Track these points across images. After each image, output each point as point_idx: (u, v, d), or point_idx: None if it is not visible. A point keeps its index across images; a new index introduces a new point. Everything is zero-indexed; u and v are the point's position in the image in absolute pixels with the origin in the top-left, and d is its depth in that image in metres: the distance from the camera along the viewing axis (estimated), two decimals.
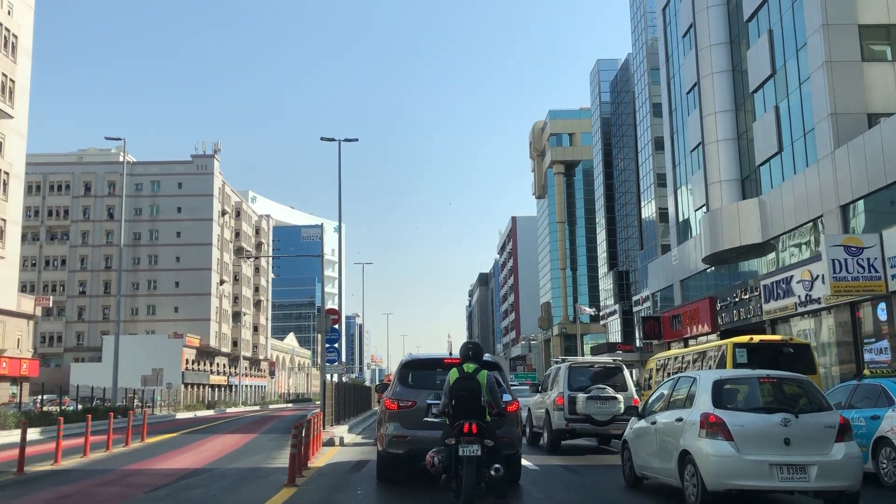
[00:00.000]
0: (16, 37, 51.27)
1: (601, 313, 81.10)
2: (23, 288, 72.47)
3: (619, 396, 16.67)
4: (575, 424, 16.65)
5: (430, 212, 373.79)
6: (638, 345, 61.34)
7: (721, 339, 27.94)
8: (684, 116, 43.47)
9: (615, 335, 73.99)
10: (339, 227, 34.13)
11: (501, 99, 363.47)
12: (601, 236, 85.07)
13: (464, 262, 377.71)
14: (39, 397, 38.49)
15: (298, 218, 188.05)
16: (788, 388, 9.51)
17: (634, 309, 65.58)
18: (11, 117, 50.95)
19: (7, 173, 49.83)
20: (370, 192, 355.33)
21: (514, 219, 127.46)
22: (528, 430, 19.25)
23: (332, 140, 34.74)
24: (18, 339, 52.52)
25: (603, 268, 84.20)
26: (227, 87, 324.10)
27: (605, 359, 20.10)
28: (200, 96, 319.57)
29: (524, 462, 12.60)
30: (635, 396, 17.19)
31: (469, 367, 8.71)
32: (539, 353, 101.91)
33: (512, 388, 13.40)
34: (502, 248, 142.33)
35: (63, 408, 35.05)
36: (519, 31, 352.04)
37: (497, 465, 8.28)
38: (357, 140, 35.36)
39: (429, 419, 10.10)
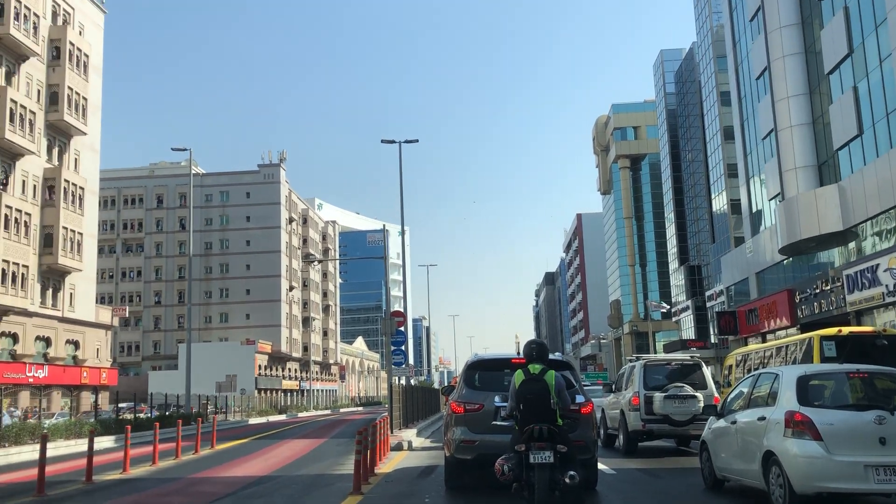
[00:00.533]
0: (87, 56, 52.88)
1: (673, 310, 79.12)
2: (101, 299, 74.87)
3: (699, 395, 15.82)
4: (652, 425, 15.87)
5: (494, 211, 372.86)
6: (713, 341, 59.57)
7: (801, 332, 26.60)
8: (754, 103, 41.85)
9: (688, 332, 72.05)
10: (402, 229, 33.95)
11: (562, 94, 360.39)
12: (670, 231, 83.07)
13: (529, 262, 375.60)
14: (115, 406, 39.40)
15: (364, 223, 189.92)
16: (881, 382, 8.79)
17: (708, 304, 63.80)
18: (85, 134, 52.60)
19: (82, 188, 51.38)
20: (432, 193, 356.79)
21: (579, 216, 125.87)
22: (602, 431, 18.52)
23: (393, 142, 34.57)
24: (98, 350, 54.10)
25: (673, 263, 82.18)
26: (289, 96, 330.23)
27: (681, 356, 19.15)
28: (265, 106, 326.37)
29: (600, 466, 11.97)
30: (716, 394, 16.31)
31: (535, 367, 8.09)
32: (609, 352, 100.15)
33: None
34: (568, 246, 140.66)
35: (138, 415, 35.80)
36: (577, 25, 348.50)
37: (572, 472, 7.68)
38: (417, 141, 35.14)
39: (497, 423, 9.59)
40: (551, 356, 9.87)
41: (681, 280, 77.58)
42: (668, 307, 77.89)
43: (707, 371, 17.18)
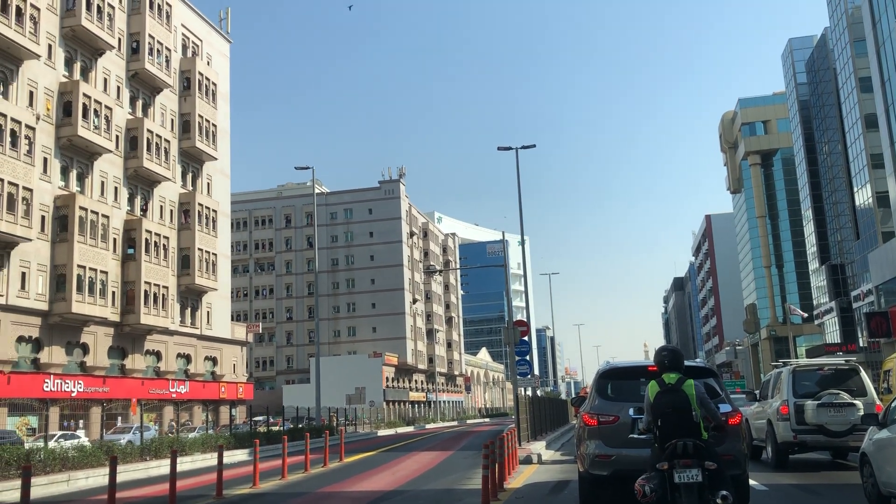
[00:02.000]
0: (215, 84, 55.48)
1: (815, 312, 74.34)
2: (236, 317, 78.20)
3: (858, 403, 14.30)
4: (805, 436, 14.46)
5: (615, 216, 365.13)
6: (862, 344, 55.45)
7: None
8: None
9: (833, 335, 67.53)
10: (522, 238, 33.30)
11: (683, 91, 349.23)
12: (808, 228, 78.31)
13: (655, 267, 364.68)
14: (250, 419, 40.67)
15: (483, 234, 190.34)
16: None
17: (854, 305, 59.59)
18: (215, 159, 55.11)
19: (215, 211, 53.77)
20: (551, 200, 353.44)
21: (707, 217, 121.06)
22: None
23: (509, 149, 33.97)
24: (234, 365, 56.35)
25: (813, 263, 77.37)
26: (407, 112, 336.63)
27: (835, 360, 17.43)
28: (384, 122, 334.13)
29: (750, 482, 10.89)
30: (877, 402, 14.70)
31: (670, 377, 7.22)
32: (746, 359, 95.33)
33: None
34: (697, 250, 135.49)
35: (271, 428, 36.76)
36: (698, 19, 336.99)
37: (724, 493, 6.78)
38: (534, 146, 34.38)
39: (635, 436, 8.79)
40: (690, 363, 8.98)
41: (822, 280, 72.90)
42: (805, 315, 73.22)
43: (866, 376, 15.54)
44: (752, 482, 11.66)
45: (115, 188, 45.26)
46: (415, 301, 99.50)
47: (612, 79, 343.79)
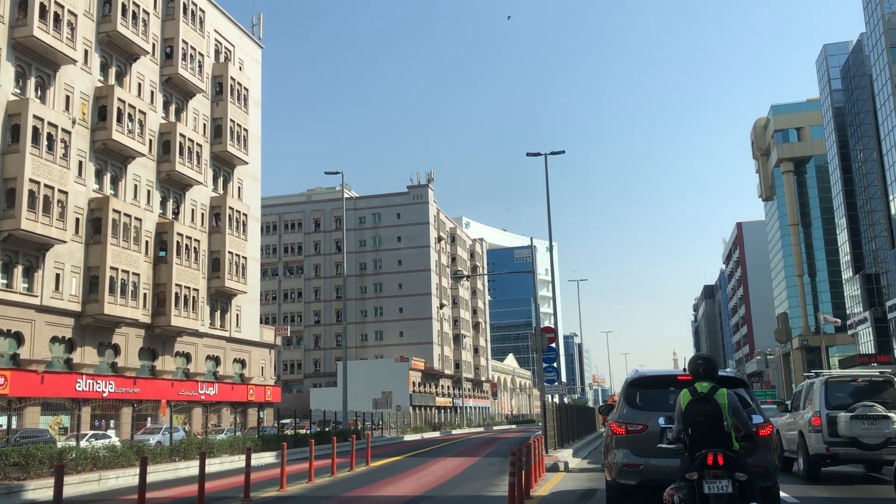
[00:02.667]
0: (247, 90, 56.05)
1: (849, 322, 73.07)
2: (265, 320, 78.74)
3: (892, 415, 14.03)
4: (838, 448, 14.22)
5: (643, 222, 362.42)
6: None
7: None
8: None
9: (867, 345, 66.33)
10: (550, 244, 33.17)
11: (714, 97, 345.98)
12: (842, 237, 77.09)
13: (685, 275, 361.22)
14: (276, 422, 40.91)
15: (511, 240, 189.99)
16: None
17: (889, 315, 58.50)
18: (246, 163, 55.65)
19: (245, 215, 54.27)
20: (579, 206, 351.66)
21: (738, 225, 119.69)
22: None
23: (538, 155, 33.87)
24: (262, 368, 56.74)
25: (847, 272, 76.12)
26: (436, 117, 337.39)
27: (869, 371, 17.13)
28: (412, 127, 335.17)
29: (780, 494, 10.71)
30: None
31: (702, 386, 7.14)
32: (777, 369, 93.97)
33: None
34: (728, 257, 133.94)
35: (299, 431, 36.95)
36: (729, 24, 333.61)
37: None
38: (563, 152, 34.23)
39: (663, 445, 8.70)
40: (722, 372, 8.88)
41: (856, 290, 71.66)
42: (838, 321, 72.04)
43: None
44: (782, 494, 11.47)
45: (148, 191, 45.88)
46: (442, 306, 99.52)
47: (642, 83, 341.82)
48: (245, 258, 53.56)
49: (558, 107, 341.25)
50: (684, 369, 9.54)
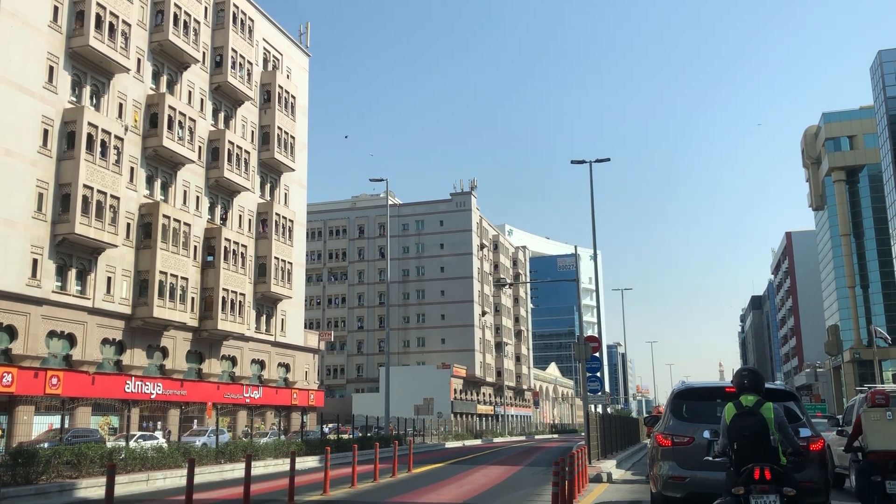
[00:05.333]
0: (294, 97, 56.82)
1: None
2: (309, 325, 79.59)
3: None
4: None
5: (690, 232, 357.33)
6: None
7: None
8: None
9: None
10: (594, 252, 32.91)
11: (763, 104, 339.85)
12: None
13: (732, 285, 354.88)
14: (319, 426, 41.24)
15: (554, 248, 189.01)
16: None
17: None
18: (293, 170, 56.38)
19: (291, 221, 54.95)
20: (625, 214, 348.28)
21: (788, 234, 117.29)
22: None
23: (583, 162, 33.75)
24: (306, 372, 57.29)
25: None
26: (480, 124, 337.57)
27: None
28: (456, 134, 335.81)
29: None
30: None
31: (748, 399, 7.01)
32: (828, 382, 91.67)
33: None
34: (777, 268, 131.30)
35: (341, 436, 37.20)
36: (778, 30, 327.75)
37: None
38: (609, 160, 34.04)
39: (710, 459, 8.58)
40: (770, 385, 8.74)
41: None
42: (888, 338, 69.98)
43: None
44: None
45: (197, 197, 46.75)
46: (484, 313, 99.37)
47: (689, 90, 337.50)
48: (291, 263, 54.20)
49: (603, 113, 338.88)
50: (731, 381, 9.39)
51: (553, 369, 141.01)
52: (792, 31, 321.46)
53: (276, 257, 52.30)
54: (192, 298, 44.62)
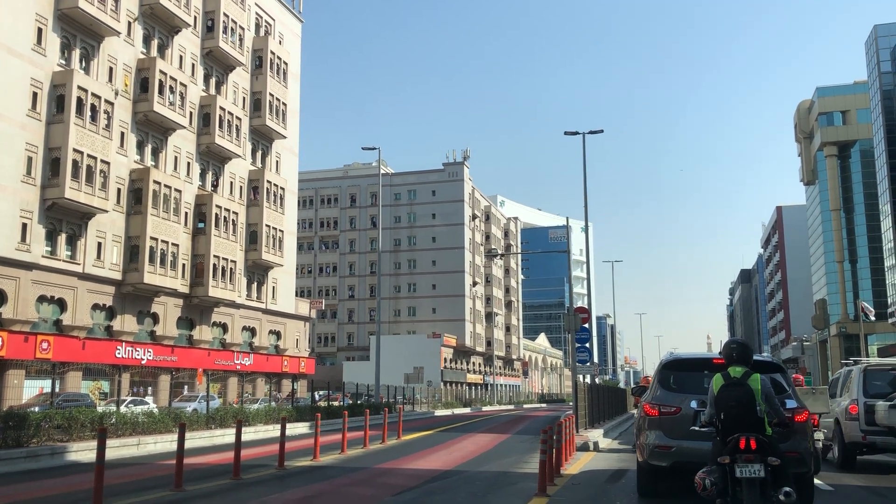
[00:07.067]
0: (286, 64, 56.24)
1: (889, 310, 71.68)
2: (301, 293, 79.64)
3: None
4: (875, 437, 14.05)
5: (681, 204, 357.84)
6: None
7: None
8: None
9: None
10: (586, 224, 32.97)
11: (757, 78, 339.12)
12: (886, 223, 75.41)
13: (721, 258, 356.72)
14: (310, 394, 41.48)
15: (545, 219, 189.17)
16: None
17: None
18: (285, 137, 56.00)
19: (283, 188, 54.72)
20: (616, 186, 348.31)
21: (779, 209, 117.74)
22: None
23: (576, 133, 33.67)
24: (297, 340, 57.47)
25: (890, 259, 74.60)
26: (473, 94, 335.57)
27: None
28: (449, 104, 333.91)
29: (815, 481, 10.64)
30: None
31: (736, 370, 7.12)
32: (814, 356, 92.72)
33: None
34: (766, 242, 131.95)
35: (332, 403, 37.44)
36: (775, 2, 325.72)
37: (787, 489, 6.68)
38: (602, 132, 34.01)
39: (696, 428, 8.70)
40: (758, 357, 8.85)
41: None
42: (872, 311, 70.57)
43: None
44: (816, 481, 11.38)
45: (188, 163, 46.46)
46: (475, 284, 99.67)
47: (683, 63, 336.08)
48: (282, 231, 54.10)
49: (597, 85, 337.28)
50: (719, 353, 9.49)
51: (542, 340, 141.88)
52: (788, 4, 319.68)
53: (267, 225, 52.17)
54: (183, 265, 44.55)
